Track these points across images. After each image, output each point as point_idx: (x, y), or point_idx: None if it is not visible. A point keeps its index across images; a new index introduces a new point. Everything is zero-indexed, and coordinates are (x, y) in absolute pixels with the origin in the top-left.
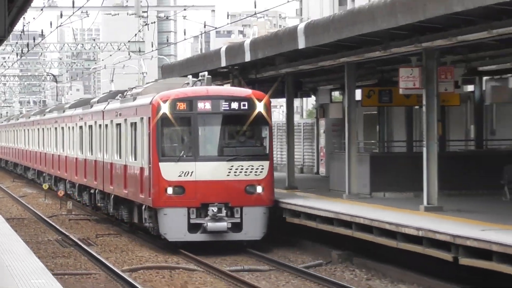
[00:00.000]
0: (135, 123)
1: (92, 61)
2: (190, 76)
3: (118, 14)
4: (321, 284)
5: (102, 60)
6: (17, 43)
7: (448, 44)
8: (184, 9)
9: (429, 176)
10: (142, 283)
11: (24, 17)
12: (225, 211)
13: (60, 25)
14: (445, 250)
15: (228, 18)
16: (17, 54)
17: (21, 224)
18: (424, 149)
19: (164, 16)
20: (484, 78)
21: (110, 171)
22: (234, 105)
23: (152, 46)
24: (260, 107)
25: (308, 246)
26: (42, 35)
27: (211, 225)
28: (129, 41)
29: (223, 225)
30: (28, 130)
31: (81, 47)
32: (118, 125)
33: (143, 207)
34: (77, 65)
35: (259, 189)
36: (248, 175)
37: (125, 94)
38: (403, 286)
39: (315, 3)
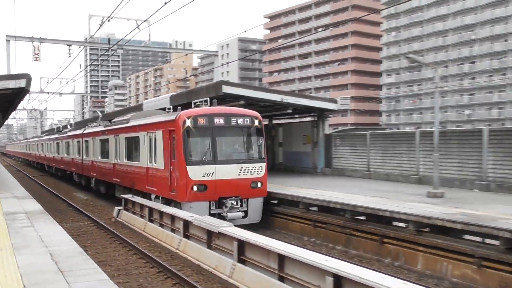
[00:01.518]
0: (138, 137)
1: None
2: (169, 107)
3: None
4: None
5: None
6: None
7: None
8: None
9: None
10: None
11: None
12: (239, 203)
13: None
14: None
15: None
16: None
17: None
18: None
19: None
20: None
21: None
22: (240, 121)
23: None
24: (256, 122)
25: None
26: None
27: (230, 214)
28: None
29: (239, 214)
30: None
31: None
32: (104, 139)
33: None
34: None
35: (259, 184)
36: (252, 174)
37: (99, 122)
38: None
39: None
